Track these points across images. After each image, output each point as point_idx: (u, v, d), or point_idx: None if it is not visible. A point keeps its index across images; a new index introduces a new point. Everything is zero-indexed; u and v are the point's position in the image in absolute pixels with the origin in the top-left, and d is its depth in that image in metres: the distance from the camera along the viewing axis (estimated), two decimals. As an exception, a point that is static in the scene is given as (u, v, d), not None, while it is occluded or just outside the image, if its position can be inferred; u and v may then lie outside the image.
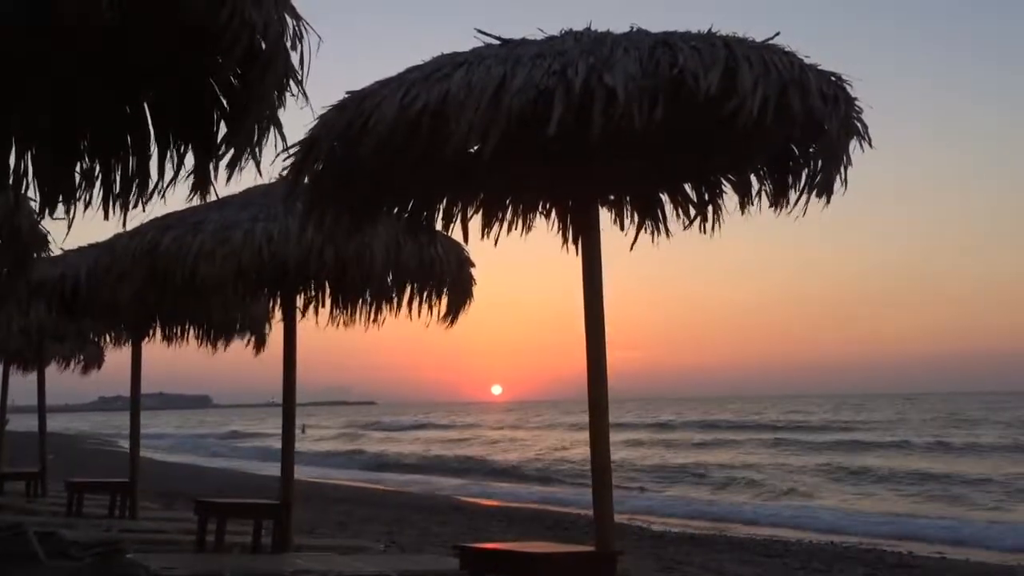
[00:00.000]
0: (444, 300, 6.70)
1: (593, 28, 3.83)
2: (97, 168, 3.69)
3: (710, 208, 4.60)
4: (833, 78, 3.74)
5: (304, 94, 3.16)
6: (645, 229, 4.75)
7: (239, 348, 9.17)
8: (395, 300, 6.75)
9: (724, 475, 22.81)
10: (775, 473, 23.16)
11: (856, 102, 3.82)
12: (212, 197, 3.63)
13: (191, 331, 8.95)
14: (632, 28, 3.78)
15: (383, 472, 26.37)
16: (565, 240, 4.73)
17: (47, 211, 3.84)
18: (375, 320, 6.87)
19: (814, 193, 4.03)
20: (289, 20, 2.95)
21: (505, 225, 4.83)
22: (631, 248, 4.67)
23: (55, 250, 7.15)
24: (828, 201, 4.02)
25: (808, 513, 15.30)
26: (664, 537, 11.28)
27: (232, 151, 3.24)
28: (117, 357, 11.11)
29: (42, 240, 6.41)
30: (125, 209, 3.73)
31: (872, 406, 72.49)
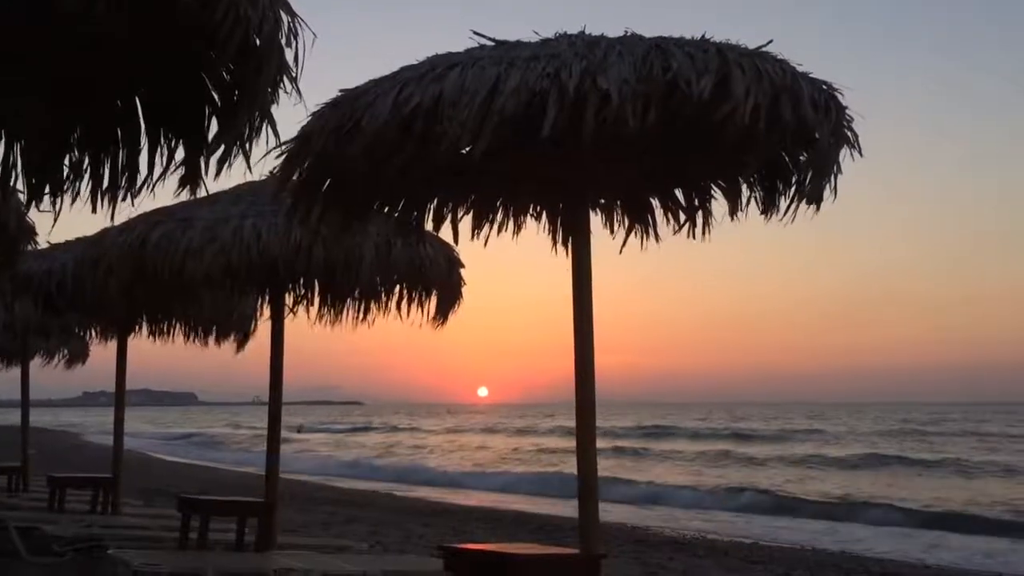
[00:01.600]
0: (434, 301, 6.69)
1: (587, 32, 3.84)
2: (86, 161, 3.67)
3: (700, 214, 4.61)
4: (825, 86, 3.76)
5: (298, 91, 3.16)
6: (635, 233, 4.76)
7: (226, 346, 9.15)
8: (384, 300, 6.74)
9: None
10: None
11: (847, 111, 3.84)
12: (202, 193, 3.62)
13: (178, 327, 8.92)
14: (626, 32, 3.79)
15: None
16: (555, 243, 4.74)
17: (34, 203, 3.82)
18: (364, 320, 6.86)
19: (804, 201, 4.06)
20: (284, 16, 2.95)
21: (496, 227, 4.83)
22: (620, 251, 4.69)
23: (42, 243, 7.12)
24: (818, 209, 4.05)
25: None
26: (647, 542, 11.29)
27: (223, 147, 3.23)
28: (102, 352, 11.06)
29: (29, 233, 6.37)
30: (114, 203, 3.71)
31: (835, 415, 73.71)
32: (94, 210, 3.75)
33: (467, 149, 3.80)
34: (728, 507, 17.44)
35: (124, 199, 3.70)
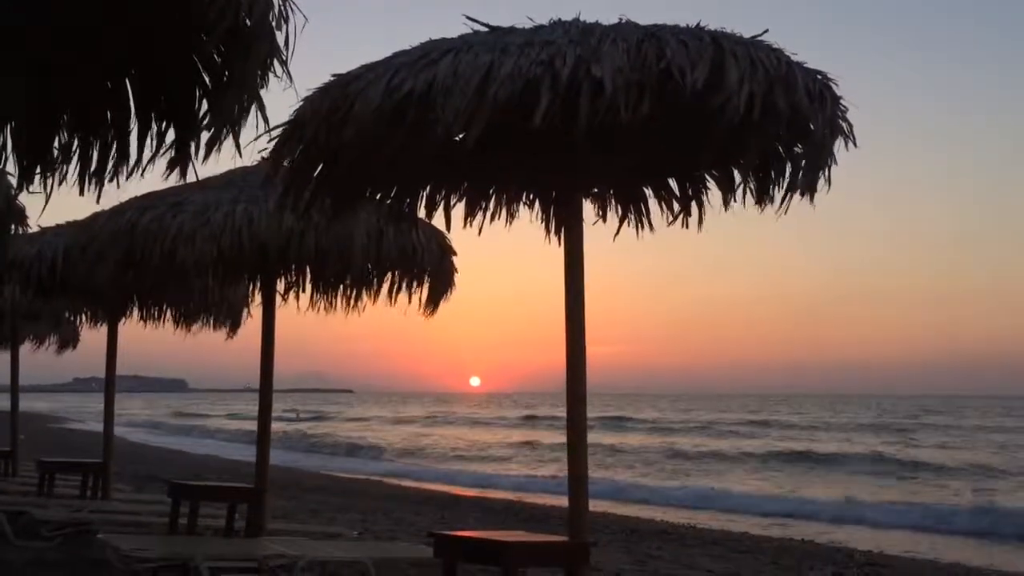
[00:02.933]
0: (425, 288, 6.68)
1: (582, 19, 3.82)
2: (76, 143, 3.65)
3: (693, 204, 4.61)
4: (819, 76, 3.75)
5: (289, 75, 3.14)
6: (628, 223, 4.75)
7: (216, 332, 9.13)
8: (376, 287, 6.73)
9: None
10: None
11: (841, 101, 3.84)
12: (192, 177, 3.60)
13: (168, 313, 8.90)
14: (621, 20, 3.77)
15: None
16: (548, 232, 4.73)
17: (24, 185, 3.79)
18: (355, 307, 6.84)
19: (798, 191, 4.05)
20: (275, -1, 2.93)
21: (488, 215, 4.82)
22: (614, 238, 4.69)
23: (32, 227, 7.08)
24: (812, 200, 4.04)
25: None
26: (637, 531, 11.33)
27: (212, 129, 3.21)
28: (93, 338, 11.03)
29: (19, 215, 6.33)
30: (100, 185, 3.68)
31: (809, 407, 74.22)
32: (82, 192, 3.72)
33: (460, 136, 3.79)
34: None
35: (111, 180, 3.68)
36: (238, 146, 3.34)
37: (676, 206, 4.64)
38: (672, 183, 4.64)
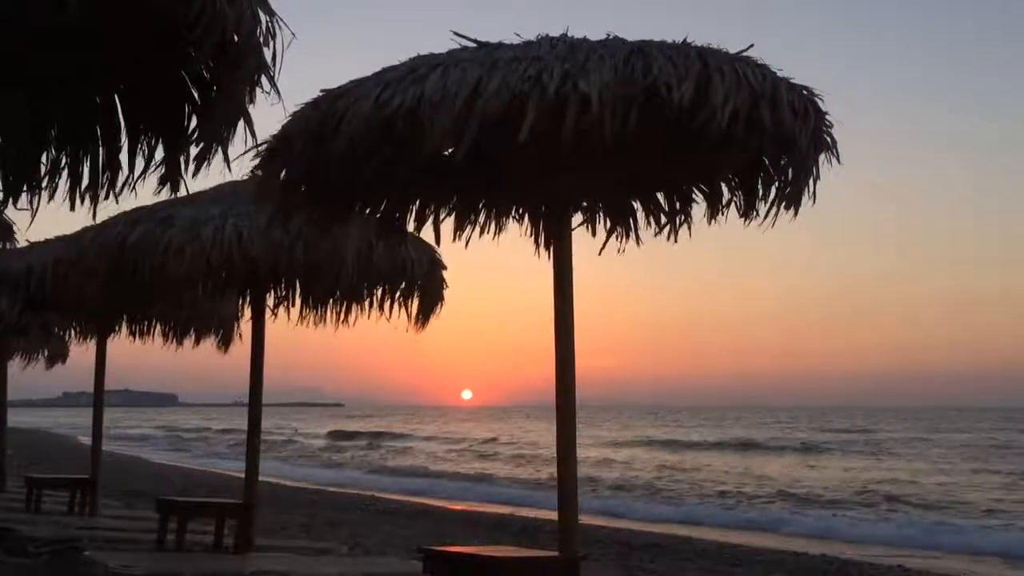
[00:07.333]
0: (416, 302, 6.68)
1: (570, 34, 3.85)
2: (64, 158, 3.65)
3: (681, 217, 4.63)
4: (804, 92, 3.79)
5: (277, 90, 3.15)
6: (616, 236, 4.77)
7: (207, 347, 9.11)
8: (366, 301, 6.73)
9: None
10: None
11: (826, 116, 3.87)
12: (182, 192, 3.60)
13: (158, 327, 8.87)
14: (608, 36, 3.80)
15: None
16: (537, 245, 4.74)
17: (11, 201, 3.78)
18: (345, 320, 6.84)
19: (783, 205, 4.09)
20: (262, 15, 2.94)
21: (477, 229, 4.83)
22: (600, 251, 4.71)
23: (21, 242, 7.07)
24: (796, 213, 4.08)
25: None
26: (630, 544, 11.30)
27: (201, 145, 3.22)
28: (82, 352, 10.96)
29: (6, 230, 6.32)
30: (95, 201, 3.68)
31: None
32: (72, 208, 3.72)
33: (448, 151, 3.80)
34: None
35: (106, 198, 3.67)
36: (227, 161, 3.34)
37: (663, 219, 4.66)
38: (660, 196, 4.67)
